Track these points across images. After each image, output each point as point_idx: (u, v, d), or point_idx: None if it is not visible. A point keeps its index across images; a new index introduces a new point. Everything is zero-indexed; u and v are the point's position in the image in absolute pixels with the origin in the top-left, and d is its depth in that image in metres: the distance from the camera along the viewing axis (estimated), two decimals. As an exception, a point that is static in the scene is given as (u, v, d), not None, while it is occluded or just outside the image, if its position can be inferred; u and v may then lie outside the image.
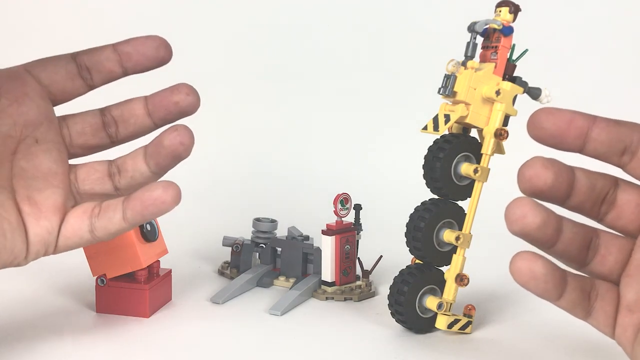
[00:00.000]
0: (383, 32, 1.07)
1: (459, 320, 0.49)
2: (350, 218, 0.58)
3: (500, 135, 0.47)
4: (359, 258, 0.59)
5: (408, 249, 0.49)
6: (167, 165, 0.42)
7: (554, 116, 0.33)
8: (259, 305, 0.54)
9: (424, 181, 0.49)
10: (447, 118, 0.47)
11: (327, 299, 0.56)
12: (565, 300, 0.34)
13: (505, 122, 0.48)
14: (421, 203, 0.49)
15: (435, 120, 0.47)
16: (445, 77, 0.46)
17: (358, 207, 0.58)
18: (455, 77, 0.46)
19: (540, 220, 0.32)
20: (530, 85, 0.48)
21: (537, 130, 0.33)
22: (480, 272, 0.54)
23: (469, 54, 0.47)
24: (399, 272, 0.50)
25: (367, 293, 0.57)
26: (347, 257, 0.57)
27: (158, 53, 0.42)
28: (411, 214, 0.49)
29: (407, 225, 0.49)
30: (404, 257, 0.51)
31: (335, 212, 0.56)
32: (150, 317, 0.51)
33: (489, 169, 0.48)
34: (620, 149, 0.33)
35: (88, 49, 0.43)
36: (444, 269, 0.49)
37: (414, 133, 0.51)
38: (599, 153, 0.33)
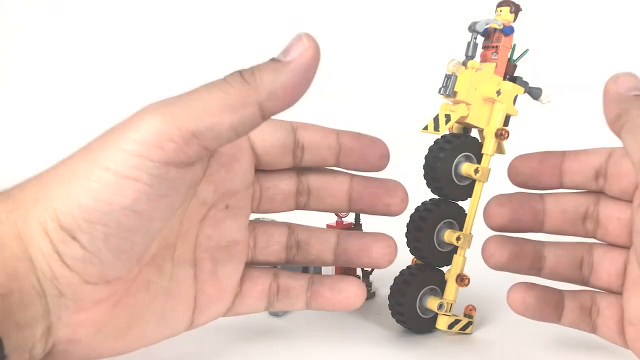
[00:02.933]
0: (383, 32, 1.07)
1: (460, 320, 0.49)
2: (350, 218, 0.58)
3: (501, 135, 0.47)
4: (359, 258, 0.59)
5: (408, 249, 0.49)
6: (358, 267, 0.41)
7: (527, 160, 0.36)
8: (259, 305, 0.54)
9: (424, 181, 0.49)
10: (448, 118, 0.47)
11: (327, 299, 0.56)
12: (566, 320, 0.36)
13: (506, 122, 0.48)
14: (421, 203, 0.49)
15: (436, 120, 0.47)
16: (445, 77, 0.46)
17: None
18: (456, 77, 0.46)
19: (508, 254, 0.35)
20: (531, 85, 0.48)
21: (516, 176, 0.36)
22: (481, 273, 0.54)
23: (469, 54, 0.47)
24: (400, 272, 0.50)
25: (368, 293, 0.57)
26: (347, 257, 0.57)
27: (380, 162, 0.39)
28: (411, 214, 0.49)
29: (408, 225, 0.49)
30: (404, 257, 0.51)
31: (336, 213, 0.56)
32: (150, 318, 0.51)
33: (490, 169, 0.48)
34: (592, 175, 0.34)
35: (311, 125, 0.39)
36: (444, 269, 0.49)
37: (415, 133, 0.51)
38: (576, 183, 0.35)
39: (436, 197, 0.49)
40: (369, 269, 0.58)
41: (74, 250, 0.30)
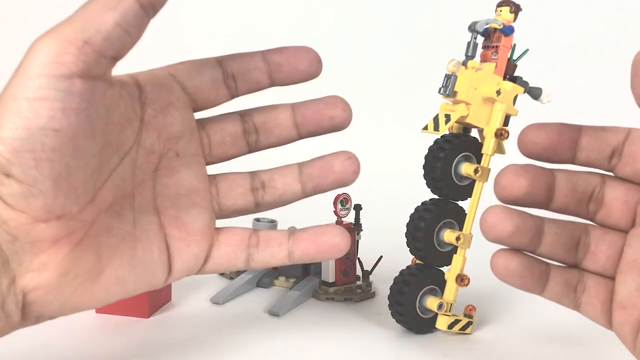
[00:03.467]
0: (383, 32, 1.07)
1: (460, 320, 0.49)
2: (350, 218, 0.58)
3: (501, 135, 0.47)
4: (359, 258, 0.59)
5: (408, 249, 0.49)
6: (328, 189, 0.40)
7: (544, 130, 0.34)
8: (259, 305, 0.54)
9: (424, 181, 0.49)
10: (448, 118, 0.47)
11: (327, 299, 0.56)
12: (549, 293, 0.35)
13: (506, 122, 0.48)
14: (421, 203, 0.49)
15: (436, 120, 0.47)
16: (445, 76, 0.46)
17: (358, 207, 0.58)
18: (456, 77, 0.46)
19: (512, 227, 0.33)
20: (530, 85, 0.48)
21: (529, 145, 0.34)
22: (481, 273, 0.54)
23: (469, 54, 0.47)
24: (399, 272, 0.49)
25: (367, 293, 0.57)
26: (347, 257, 0.57)
27: (311, 67, 0.39)
28: (411, 214, 0.49)
29: (408, 225, 0.49)
30: (404, 257, 0.51)
31: (336, 213, 0.56)
32: (150, 318, 0.51)
33: (490, 169, 0.48)
34: (608, 153, 0.34)
35: (235, 54, 0.39)
36: (444, 269, 0.49)
37: (415, 133, 0.51)
38: (590, 160, 0.34)
39: (436, 197, 0.49)
40: (369, 269, 0.58)
41: (12, 187, 0.31)
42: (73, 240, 0.33)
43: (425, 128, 0.48)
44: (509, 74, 0.47)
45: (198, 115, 0.40)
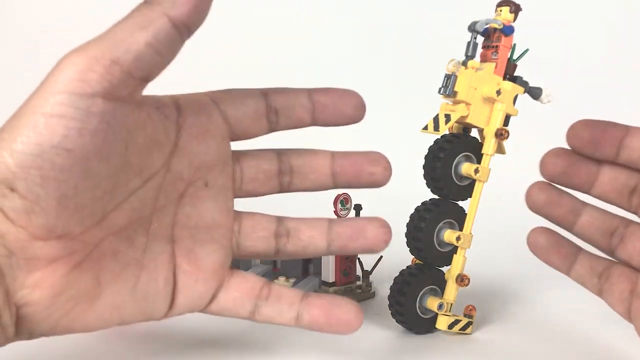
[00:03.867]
0: (383, 32, 1.07)
1: (460, 320, 0.49)
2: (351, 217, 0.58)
3: (501, 135, 0.47)
4: (359, 258, 0.59)
5: (408, 249, 0.49)
6: (355, 253, 0.39)
7: (590, 126, 0.36)
8: (259, 305, 0.54)
9: (424, 181, 0.49)
10: (448, 118, 0.47)
11: (327, 299, 0.56)
12: (574, 274, 0.39)
13: (506, 122, 0.48)
14: (421, 203, 0.49)
15: (436, 120, 0.47)
16: (445, 76, 0.46)
17: (358, 208, 0.58)
18: (456, 77, 0.46)
19: (546, 197, 0.37)
20: (531, 85, 0.48)
21: (575, 139, 0.36)
22: (481, 273, 0.54)
23: (469, 54, 0.47)
24: (399, 272, 0.49)
25: (367, 293, 0.57)
26: (347, 257, 0.57)
27: (355, 113, 0.38)
28: (411, 214, 0.49)
29: (408, 225, 0.49)
30: (404, 258, 0.51)
31: (336, 213, 0.56)
32: (150, 318, 0.51)
33: (490, 169, 0.48)
34: None
35: (281, 88, 0.39)
36: (444, 269, 0.49)
37: (415, 133, 0.51)
38: (632, 159, 0.35)
39: (436, 197, 0.49)
40: (369, 270, 0.58)
41: (14, 202, 0.30)
42: (72, 261, 0.33)
43: (425, 128, 0.48)
44: (509, 74, 0.47)
45: (234, 146, 0.39)
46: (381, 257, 0.59)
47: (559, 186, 0.37)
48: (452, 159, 0.47)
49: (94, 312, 0.34)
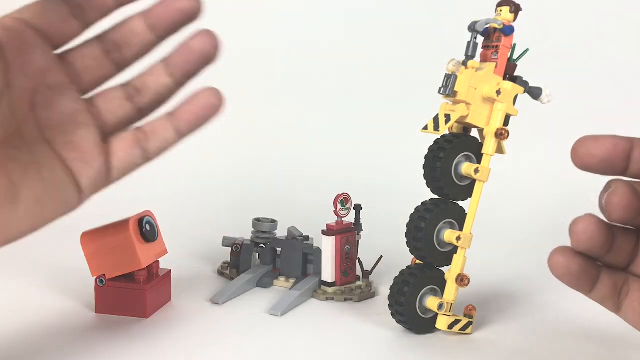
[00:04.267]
0: (383, 32, 1.07)
1: (460, 320, 0.49)
2: (350, 218, 0.58)
3: (501, 135, 0.47)
4: (359, 258, 0.59)
5: (408, 249, 0.49)
6: (196, 71, 0.41)
7: (600, 143, 0.34)
8: (259, 305, 0.54)
9: (425, 181, 0.49)
10: (448, 118, 0.47)
11: (327, 299, 0.56)
12: (596, 295, 0.36)
13: (506, 121, 0.48)
14: (422, 203, 0.49)
15: (436, 120, 0.47)
16: (445, 76, 0.46)
17: (358, 207, 0.58)
18: (456, 77, 0.46)
19: (604, 240, 0.33)
20: (531, 85, 0.48)
21: (586, 158, 0.34)
22: (481, 273, 0.54)
23: (469, 54, 0.47)
24: (400, 272, 0.49)
25: (368, 293, 0.57)
26: (348, 257, 0.57)
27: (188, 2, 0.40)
28: (411, 214, 0.49)
29: (408, 225, 0.49)
30: (404, 258, 0.51)
31: (336, 212, 0.56)
32: (150, 318, 0.51)
33: (490, 169, 0.48)
34: None
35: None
36: (444, 269, 0.49)
37: (415, 133, 0.51)
38: None
39: (436, 197, 0.49)
40: (369, 269, 0.58)
41: None
42: None
43: (425, 128, 0.48)
44: (509, 74, 0.47)
45: None
46: (381, 257, 0.59)
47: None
48: (452, 159, 0.47)
49: (21, 208, 0.37)
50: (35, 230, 0.38)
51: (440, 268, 0.49)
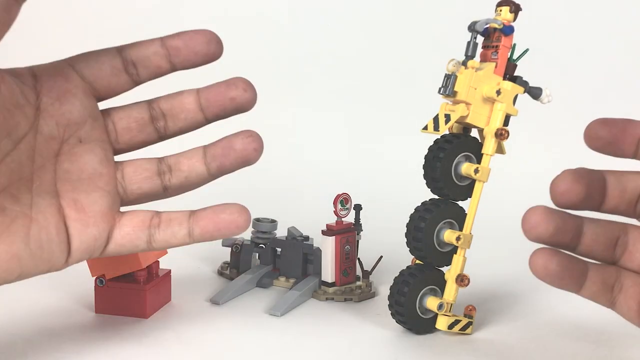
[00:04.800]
0: (383, 32, 1.07)
1: (460, 321, 0.49)
2: (350, 218, 0.58)
3: (501, 135, 0.47)
4: (359, 258, 0.58)
5: (408, 249, 0.49)
6: (232, 169, 0.41)
7: (609, 125, 0.34)
8: (259, 305, 0.54)
9: (424, 181, 0.49)
10: (448, 118, 0.46)
11: (327, 299, 0.56)
12: (586, 292, 0.35)
13: (506, 121, 0.48)
14: (421, 203, 0.49)
15: (436, 120, 0.47)
16: (445, 76, 0.46)
17: (358, 208, 0.58)
18: (456, 77, 0.46)
19: (554, 228, 0.33)
20: (531, 84, 0.48)
21: (594, 140, 0.34)
22: (481, 273, 0.54)
23: (469, 54, 0.46)
24: (399, 272, 0.49)
25: (368, 294, 0.57)
26: (347, 257, 0.57)
27: (209, 49, 0.40)
28: (411, 214, 0.49)
29: (408, 225, 0.49)
30: (404, 258, 0.51)
31: (336, 213, 0.56)
32: (150, 318, 0.51)
33: (490, 169, 0.48)
34: None
35: (134, 42, 0.41)
36: (444, 269, 0.49)
37: (415, 133, 0.51)
38: None
39: (436, 197, 0.49)
40: (369, 270, 0.58)
41: None
42: None
43: (425, 128, 0.47)
44: (509, 74, 0.47)
45: (107, 104, 0.41)
46: (381, 257, 0.59)
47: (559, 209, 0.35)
48: (452, 159, 0.47)
49: None
50: (8, 282, 0.37)
51: (440, 268, 0.49)
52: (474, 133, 0.49)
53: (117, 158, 0.42)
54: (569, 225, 0.34)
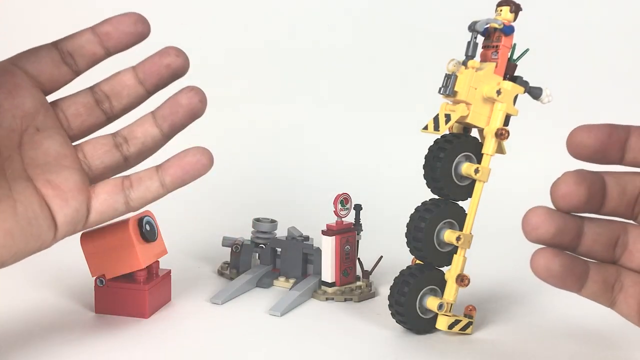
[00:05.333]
0: (383, 32, 1.07)
1: (460, 321, 0.49)
2: (350, 218, 0.58)
3: (501, 135, 0.47)
4: (359, 258, 0.58)
5: (408, 249, 0.49)
6: (183, 125, 0.43)
7: (594, 132, 0.34)
8: (259, 305, 0.54)
9: (425, 181, 0.49)
10: (448, 118, 0.46)
11: (327, 299, 0.56)
12: (587, 292, 0.35)
13: (506, 121, 0.47)
14: (422, 203, 0.49)
15: (436, 120, 0.47)
16: (445, 76, 0.46)
17: (358, 208, 0.58)
18: (456, 77, 0.46)
19: (555, 229, 0.33)
20: (531, 84, 0.48)
21: (580, 148, 0.34)
22: (481, 273, 0.54)
23: (469, 54, 0.46)
24: (400, 272, 0.49)
25: (368, 294, 0.57)
26: (347, 257, 0.57)
27: (136, 28, 0.42)
28: (411, 214, 0.49)
29: (408, 225, 0.49)
30: (404, 258, 0.51)
31: (336, 213, 0.56)
32: (150, 318, 0.51)
33: (490, 169, 0.48)
34: None
35: (68, 35, 0.43)
36: (444, 269, 0.49)
37: (415, 133, 0.51)
38: (638, 161, 0.34)
39: (436, 197, 0.49)
40: (369, 270, 0.58)
41: None
42: None
43: (426, 128, 0.47)
44: (509, 74, 0.47)
45: (53, 97, 0.44)
46: (381, 257, 0.59)
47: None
48: (452, 159, 0.47)
49: None
50: (5, 264, 0.39)
51: (440, 268, 0.49)
52: (474, 133, 0.49)
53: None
54: (569, 225, 0.33)
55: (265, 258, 0.61)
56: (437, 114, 0.47)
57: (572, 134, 0.34)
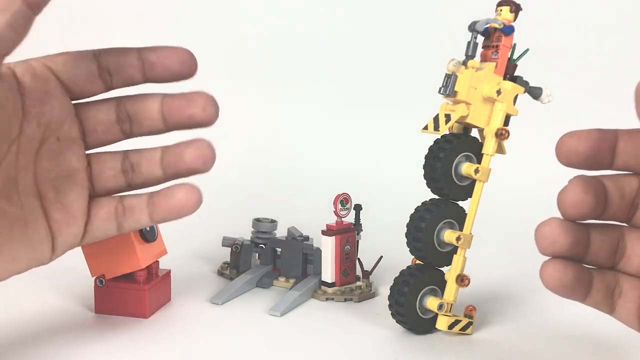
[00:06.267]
0: (383, 32, 1.07)
1: (460, 321, 0.49)
2: (350, 218, 0.58)
3: (501, 134, 0.47)
4: (359, 258, 0.58)
5: (408, 249, 0.49)
6: (184, 176, 0.42)
7: (584, 139, 0.33)
8: (259, 306, 0.54)
9: (425, 181, 0.49)
10: (448, 118, 0.46)
11: (327, 299, 0.56)
12: (591, 301, 0.35)
13: (506, 121, 0.47)
14: (422, 203, 0.49)
15: (436, 120, 0.47)
16: (445, 76, 0.46)
17: (358, 208, 0.58)
18: (456, 77, 0.46)
19: (571, 241, 0.32)
20: (531, 84, 0.48)
21: (570, 155, 0.33)
22: (481, 273, 0.54)
23: (469, 54, 0.46)
24: (400, 272, 0.49)
25: (368, 294, 0.57)
26: (347, 257, 0.57)
27: (182, 69, 0.41)
28: (411, 214, 0.49)
29: (408, 225, 0.49)
30: (404, 258, 0.51)
31: (336, 213, 0.56)
32: (150, 318, 0.51)
33: (490, 169, 0.47)
34: None
35: (112, 49, 0.41)
36: (444, 269, 0.49)
37: (415, 133, 0.51)
38: (628, 165, 0.33)
39: (436, 197, 0.49)
40: (369, 270, 0.58)
41: None
42: None
43: (425, 128, 0.47)
44: (509, 74, 0.47)
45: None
46: (381, 257, 0.59)
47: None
48: (452, 159, 0.47)
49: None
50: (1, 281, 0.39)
51: (440, 268, 0.49)
52: (474, 133, 0.49)
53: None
54: (581, 236, 0.33)
55: (265, 258, 0.61)
56: (437, 114, 0.47)
57: (561, 141, 0.33)
